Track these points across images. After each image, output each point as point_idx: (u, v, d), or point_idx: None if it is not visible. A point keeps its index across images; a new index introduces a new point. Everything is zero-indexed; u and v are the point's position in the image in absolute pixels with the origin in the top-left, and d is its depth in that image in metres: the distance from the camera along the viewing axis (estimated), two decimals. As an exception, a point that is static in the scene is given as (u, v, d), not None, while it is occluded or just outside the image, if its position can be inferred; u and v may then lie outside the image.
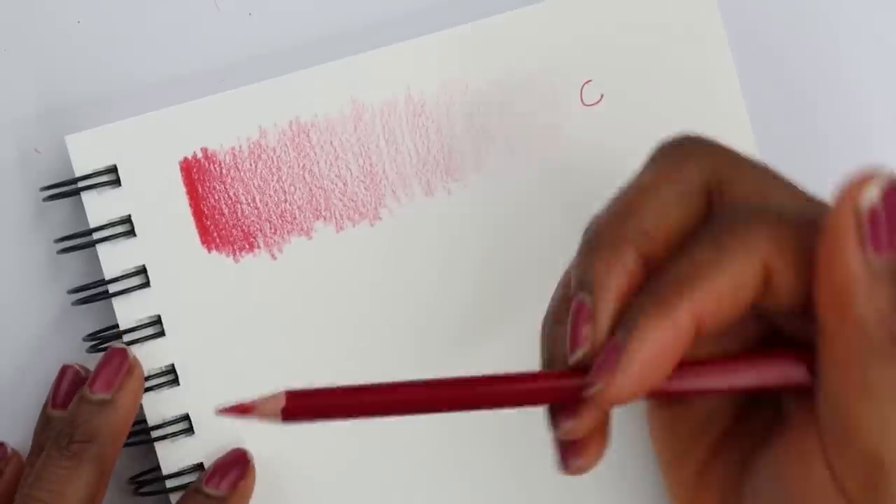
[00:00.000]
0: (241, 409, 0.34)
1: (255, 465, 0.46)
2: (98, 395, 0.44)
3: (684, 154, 0.36)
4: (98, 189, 0.46)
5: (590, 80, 0.48)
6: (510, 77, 0.47)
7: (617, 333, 0.33)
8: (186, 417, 0.46)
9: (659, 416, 0.39)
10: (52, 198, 0.47)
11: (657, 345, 0.33)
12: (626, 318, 0.34)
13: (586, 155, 0.48)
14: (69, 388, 0.46)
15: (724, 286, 0.33)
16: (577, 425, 0.34)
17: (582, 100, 0.48)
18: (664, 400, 0.39)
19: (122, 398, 0.44)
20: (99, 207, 0.46)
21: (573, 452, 0.36)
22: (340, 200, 0.47)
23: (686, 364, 0.34)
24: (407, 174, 0.47)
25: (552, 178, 0.48)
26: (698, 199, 0.36)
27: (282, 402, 0.34)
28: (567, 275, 0.38)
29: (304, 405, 0.34)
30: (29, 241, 0.48)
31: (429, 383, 0.34)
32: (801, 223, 0.34)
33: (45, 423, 0.46)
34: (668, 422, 0.39)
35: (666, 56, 0.48)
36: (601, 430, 0.36)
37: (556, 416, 0.35)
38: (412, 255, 0.47)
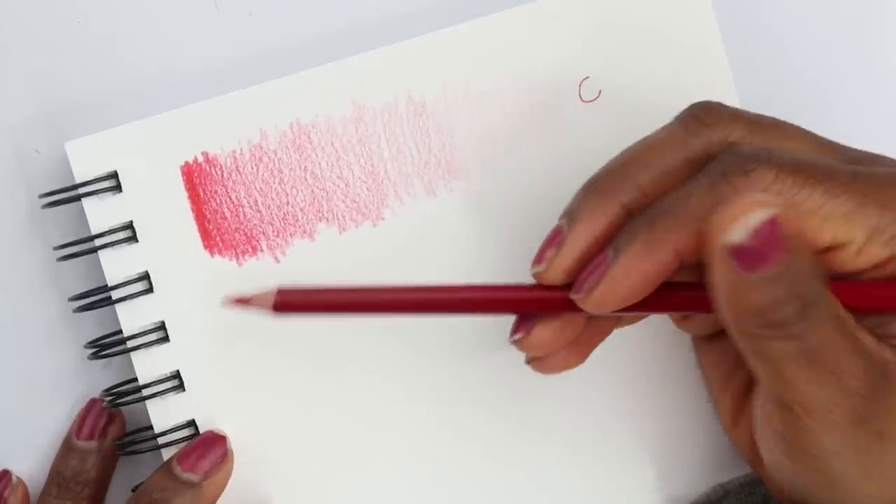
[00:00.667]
0: (241, 301, 0.40)
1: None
2: (187, 475, 0.44)
3: (703, 123, 0.39)
4: (99, 195, 0.46)
5: (588, 77, 0.48)
6: (509, 75, 0.47)
7: (607, 250, 0.37)
8: (192, 423, 0.46)
9: (706, 349, 0.44)
10: (52, 204, 0.46)
11: (639, 268, 0.37)
12: (617, 238, 0.37)
13: (586, 151, 0.48)
14: (95, 420, 0.47)
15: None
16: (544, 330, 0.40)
17: (580, 96, 0.48)
18: (696, 330, 0.43)
19: (209, 486, 0.45)
20: (100, 214, 0.46)
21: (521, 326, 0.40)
22: (343, 201, 0.47)
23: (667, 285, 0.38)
24: (409, 174, 0.47)
25: (553, 175, 0.48)
26: (703, 167, 0.38)
27: (273, 297, 0.39)
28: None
29: (294, 300, 0.39)
30: (27, 248, 0.48)
31: (413, 288, 0.39)
32: (799, 170, 0.36)
33: (66, 453, 0.47)
34: (714, 355, 0.44)
35: (663, 53, 0.48)
36: (574, 345, 0.41)
37: (524, 321, 0.40)
38: (415, 254, 0.47)
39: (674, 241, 0.37)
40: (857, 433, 0.36)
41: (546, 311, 0.40)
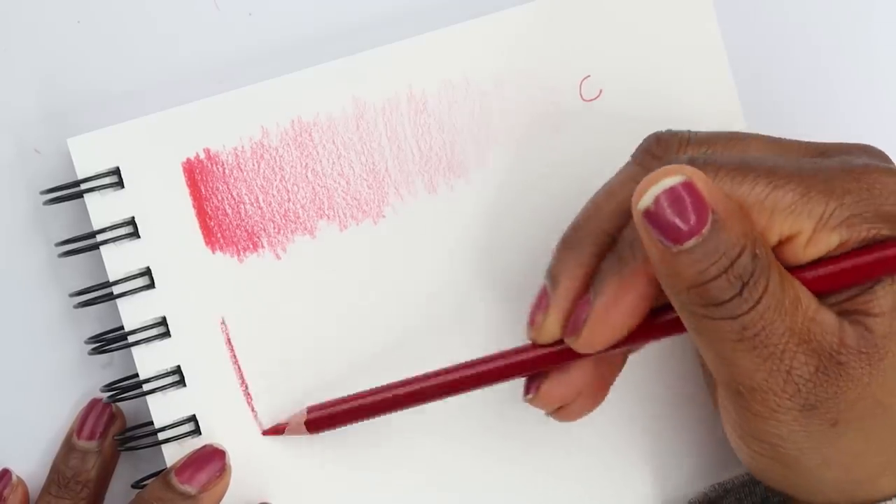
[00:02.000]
0: (276, 430, 0.46)
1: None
2: (184, 487, 0.45)
3: (655, 156, 0.40)
4: (101, 191, 0.46)
5: (588, 76, 0.48)
6: (510, 73, 0.48)
7: (590, 292, 0.39)
8: (193, 418, 0.46)
9: None
10: (53, 201, 0.46)
11: (619, 303, 0.38)
12: (594, 281, 0.39)
13: (586, 150, 0.48)
14: (96, 420, 0.47)
15: None
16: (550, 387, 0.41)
17: (581, 95, 0.48)
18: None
19: (205, 499, 0.45)
20: (102, 210, 0.46)
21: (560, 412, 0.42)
22: (343, 199, 0.47)
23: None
24: (409, 172, 0.47)
25: (553, 172, 0.48)
26: None
27: (304, 417, 0.44)
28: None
29: (324, 418, 0.44)
30: (29, 244, 0.48)
31: (420, 378, 0.43)
32: (740, 167, 0.37)
33: (66, 452, 0.47)
34: None
35: (664, 52, 0.48)
36: (588, 390, 0.42)
37: (533, 381, 0.42)
38: (416, 252, 0.47)
39: (644, 271, 0.38)
40: (809, 420, 0.37)
41: (549, 366, 0.41)
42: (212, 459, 0.45)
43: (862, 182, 0.37)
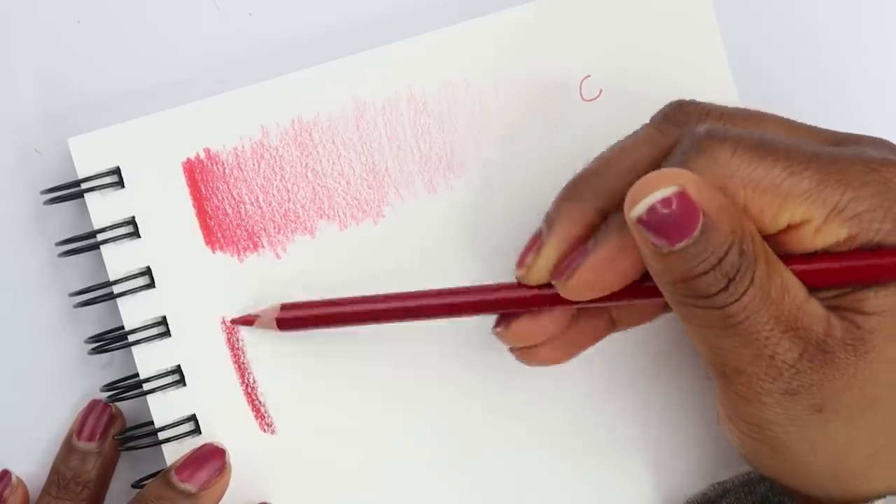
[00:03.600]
0: (245, 321, 0.45)
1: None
2: (184, 486, 0.45)
3: (674, 123, 0.40)
4: (101, 191, 0.46)
5: (588, 76, 0.48)
6: (510, 73, 0.48)
7: (590, 241, 0.39)
8: (193, 418, 0.46)
9: None
10: (54, 200, 0.46)
11: (616, 258, 0.38)
12: (599, 233, 0.39)
13: (586, 150, 0.47)
14: (96, 421, 0.47)
15: None
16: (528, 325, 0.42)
17: (581, 95, 0.48)
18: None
19: (205, 497, 0.45)
20: (102, 209, 0.46)
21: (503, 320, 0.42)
22: (343, 199, 0.47)
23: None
24: (409, 171, 0.47)
25: (553, 173, 0.47)
26: None
27: (276, 313, 0.44)
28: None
29: (297, 316, 0.44)
30: (29, 244, 0.48)
31: (402, 295, 0.42)
32: (759, 146, 0.37)
33: (66, 453, 0.47)
34: None
35: (663, 52, 0.48)
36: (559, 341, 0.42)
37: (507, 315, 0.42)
38: (416, 252, 0.47)
39: None
40: (793, 405, 0.37)
41: (530, 308, 0.41)
42: (212, 458, 0.45)
43: (880, 175, 0.37)
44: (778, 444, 0.38)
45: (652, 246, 0.36)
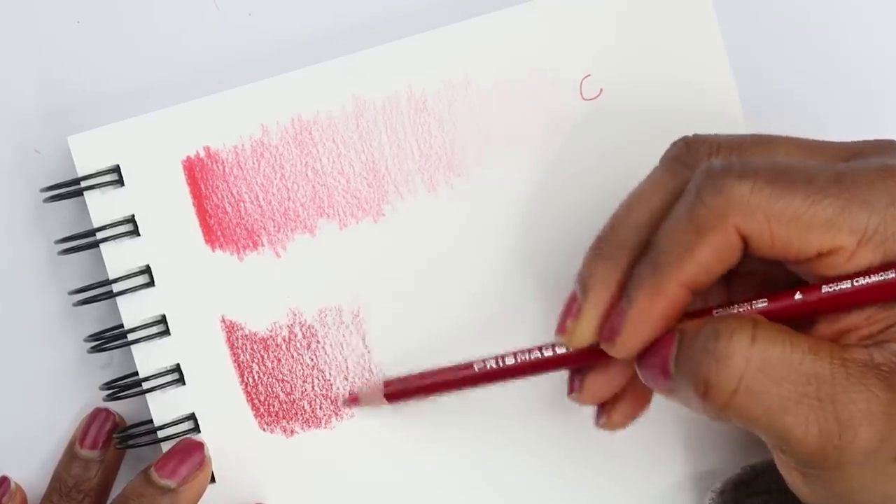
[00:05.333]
0: (352, 400, 0.47)
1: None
2: (163, 481, 0.44)
3: (684, 164, 0.39)
4: (101, 189, 0.46)
5: (589, 75, 0.48)
6: (511, 72, 0.48)
7: (622, 300, 0.38)
8: (192, 416, 0.46)
9: None
10: (53, 198, 0.46)
11: (652, 310, 0.38)
12: (628, 288, 0.38)
13: (586, 149, 0.48)
14: (99, 429, 0.47)
15: (706, 257, 0.37)
16: (591, 384, 0.42)
17: (581, 94, 0.48)
18: None
19: (186, 492, 0.45)
20: (102, 207, 0.46)
21: (602, 410, 0.43)
22: (343, 197, 0.47)
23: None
24: (409, 170, 0.47)
25: (553, 172, 0.48)
26: None
27: (381, 390, 0.45)
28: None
29: (399, 390, 0.45)
30: (29, 242, 0.48)
31: (477, 364, 0.43)
32: (776, 179, 0.36)
33: (69, 460, 0.47)
34: None
35: (664, 51, 0.48)
36: (624, 395, 0.42)
37: (575, 379, 0.42)
38: (415, 250, 0.47)
39: (676, 278, 0.37)
40: (875, 460, 0.36)
41: (584, 364, 0.42)
42: (191, 453, 0.45)
43: None
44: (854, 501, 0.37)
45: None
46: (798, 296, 0.37)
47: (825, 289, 0.37)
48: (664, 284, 0.37)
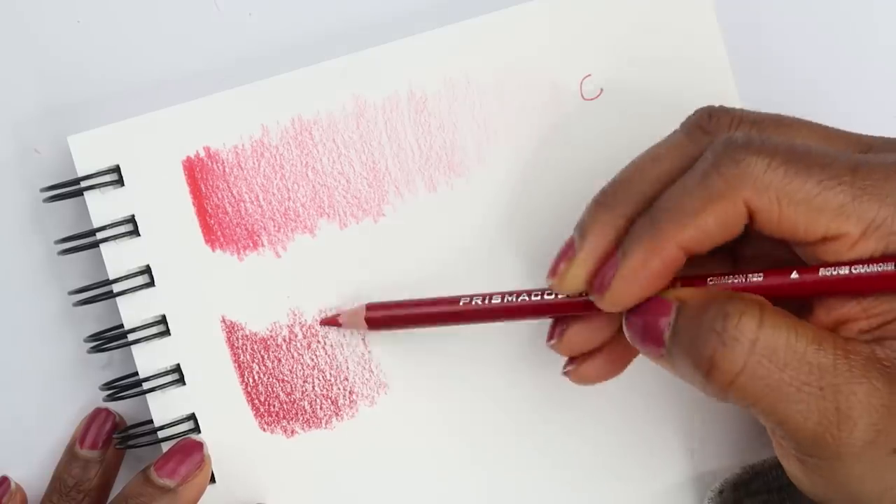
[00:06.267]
0: (331, 321, 0.46)
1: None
2: (163, 481, 0.44)
3: (705, 131, 0.40)
4: (101, 189, 0.46)
5: (589, 75, 0.48)
6: (511, 72, 0.48)
7: (617, 252, 0.38)
8: (192, 417, 0.46)
9: None
10: (53, 198, 0.46)
11: (646, 267, 0.38)
12: (624, 241, 0.38)
13: (586, 148, 0.48)
14: (98, 430, 0.47)
15: (709, 224, 0.37)
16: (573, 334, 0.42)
17: (581, 94, 0.48)
18: None
19: (185, 492, 0.45)
20: (102, 207, 0.46)
21: (573, 360, 0.43)
22: (344, 197, 0.47)
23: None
24: (410, 170, 0.47)
25: (553, 171, 0.48)
26: None
27: (363, 313, 0.45)
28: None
29: (382, 316, 0.45)
30: (28, 242, 0.48)
31: (475, 303, 0.43)
32: (792, 159, 0.36)
33: (69, 460, 0.47)
34: None
35: (664, 51, 0.48)
36: (601, 352, 0.43)
37: (557, 327, 0.42)
38: (416, 250, 0.47)
39: (675, 239, 0.37)
40: (873, 452, 0.36)
41: (570, 313, 0.42)
42: (190, 452, 0.45)
43: None
44: (854, 496, 0.38)
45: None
46: (794, 275, 0.38)
47: (822, 272, 0.37)
48: (662, 242, 0.37)
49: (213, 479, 0.47)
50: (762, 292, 0.38)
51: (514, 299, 0.42)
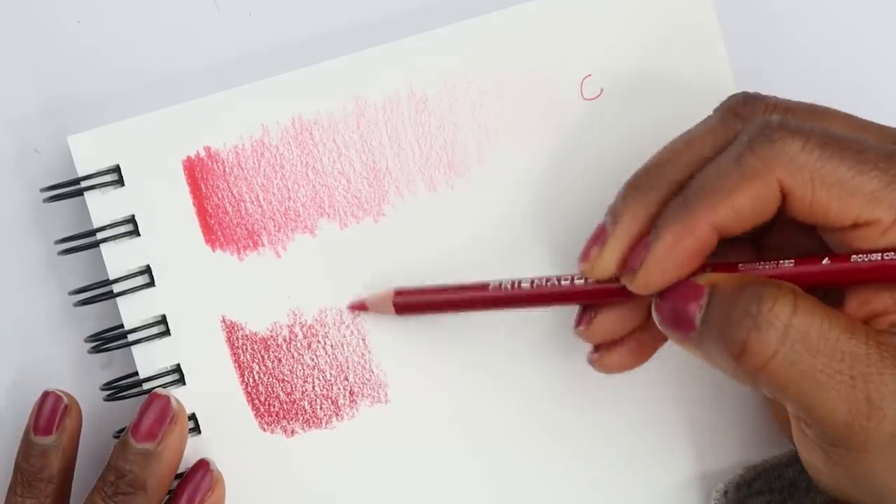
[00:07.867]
0: (359, 306, 0.46)
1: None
2: (141, 446, 0.44)
3: (739, 116, 0.40)
4: (101, 189, 0.46)
5: (589, 75, 0.48)
6: (511, 72, 0.48)
7: (650, 233, 0.38)
8: (192, 417, 0.46)
9: None
10: (53, 198, 0.46)
11: (679, 247, 0.38)
12: (657, 222, 0.38)
13: (587, 148, 0.48)
14: (50, 414, 0.46)
15: (742, 203, 0.37)
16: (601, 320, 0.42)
17: (582, 94, 0.48)
18: None
19: (165, 450, 0.44)
20: (102, 207, 0.46)
21: (599, 347, 0.43)
22: (344, 197, 0.47)
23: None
24: (410, 170, 0.47)
25: (553, 171, 0.48)
26: None
27: (391, 298, 0.45)
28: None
29: (409, 302, 0.45)
30: (28, 242, 0.48)
31: (502, 289, 0.43)
32: (828, 142, 0.37)
33: (26, 449, 0.46)
34: None
35: (665, 51, 0.48)
36: (628, 341, 0.42)
37: (586, 314, 0.42)
38: (416, 250, 0.47)
39: (708, 218, 0.37)
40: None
41: (600, 300, 0.41)
42: (160, 408, 0.44)
43: None
44: (877, 490, 0.38)
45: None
46: (826, 261, 0.38)
47: (854, 258, 0.37)
48: (695, 222, 0.38)
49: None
50: (793, 279, 0.38)
51: (544, 284, 0.42)
